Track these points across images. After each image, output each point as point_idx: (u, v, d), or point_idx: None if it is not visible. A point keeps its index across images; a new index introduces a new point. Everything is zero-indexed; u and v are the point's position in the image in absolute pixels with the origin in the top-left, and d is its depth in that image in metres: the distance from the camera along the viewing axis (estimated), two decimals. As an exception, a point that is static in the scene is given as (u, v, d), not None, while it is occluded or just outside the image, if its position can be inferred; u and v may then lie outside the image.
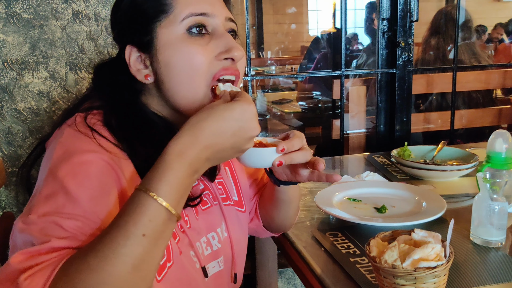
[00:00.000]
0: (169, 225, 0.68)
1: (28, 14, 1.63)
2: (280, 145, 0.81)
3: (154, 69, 0.84)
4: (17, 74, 1.66)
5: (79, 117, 0.81)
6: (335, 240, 1.13)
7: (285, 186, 0.99)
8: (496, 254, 1.05)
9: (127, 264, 0.62)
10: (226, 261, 0.98)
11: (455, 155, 1.68)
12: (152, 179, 0.67)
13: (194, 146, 0.68)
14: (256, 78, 2.24)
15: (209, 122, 0.69)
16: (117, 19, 0.88)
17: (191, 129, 0.69)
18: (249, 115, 0.71)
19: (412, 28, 2.10)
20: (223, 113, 0.70)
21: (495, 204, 1.04)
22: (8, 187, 1.72)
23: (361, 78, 2.94)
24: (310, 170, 0.92)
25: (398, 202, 1.32)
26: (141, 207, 0.65)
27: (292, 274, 2.20)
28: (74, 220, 0.68)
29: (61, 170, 0.72)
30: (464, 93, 2.68)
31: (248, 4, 1.98)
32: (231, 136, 0.71)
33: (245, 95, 0.74)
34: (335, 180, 0.90)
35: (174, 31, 0.82)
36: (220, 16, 0.85)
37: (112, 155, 0.76)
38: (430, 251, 0.81)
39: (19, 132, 1.69)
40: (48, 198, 0.70)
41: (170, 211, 0.66)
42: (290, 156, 0.84)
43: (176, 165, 0.67)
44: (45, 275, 0.62)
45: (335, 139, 2.40)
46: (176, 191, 0.67)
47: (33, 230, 0.67)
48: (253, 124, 0.72)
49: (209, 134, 0.69)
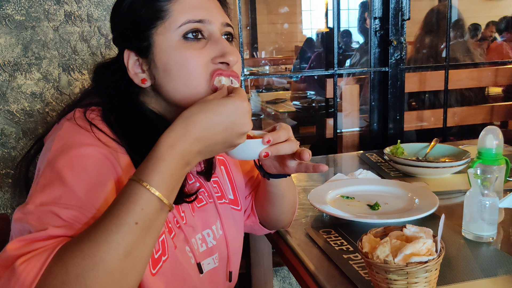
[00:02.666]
0: (161, 214, 0.69)
1: (20, 16, 1.63)
2: (266, 136, 0.83)
3: (152, 73, 0.85)
4: (9, 75, 1.66)
5: (78, 112, 0.82)
6: (328, 237, 1.14)
7: (276, 180, 1.00)
8: (488, 248, 1.06)
9: (119, 251, 0.64)
10: (221, 259, 0.98)
11: (447, 152, 1.69)
12: (144, 169, 0.69)
13: (186, 138, 0.70)
14: (250, 78, 2.24)
15: (201, 116, 0.71)
16: (116, 24, 0.89)
17: (184, 122, 0.71)
18: (242, 111, 0.73)
19: (404, 26, 2.12)
20: (216, 108, 0.72)
21: (486, 200, 1.05)
22: (2, 189, 1.72)
23: (354, 77, 2.95)
24: (298, 162, 0.94)
25: (391, 199, 1.33)
26: (134, 196, 0.67)
27: (287, 273, 2.21)
28: (70, 210, 0.70)
29: (59, 162, 0.73)
30: (457, 91, 2.70)
31: (241, 4, 1.99)
32: (222, 131, 0.72)
33: (240, 91, 0.76)
34: (322, 170, 0.91)
35: (171, 37, 0.83)
36: (216, 22, 0.85)
37: (110, 149, 0.78)
38: (422, 246, 0.82)
39: (12, 134, 1.69)
40: (45, 188, 0.71)
41: (162, 200, 0.68)
42: (277, 147, 0.85)
43: (168, 156, 0.69)
44: (40, 260, 0.63)
45: (329, 138, 2.41)
46: (168, 181, 0.69)
47: (30, 219, 0.69)
48: (245, 120, 0.74)
49: (201, 128, 0.71)
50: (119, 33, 0.89)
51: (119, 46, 0.89)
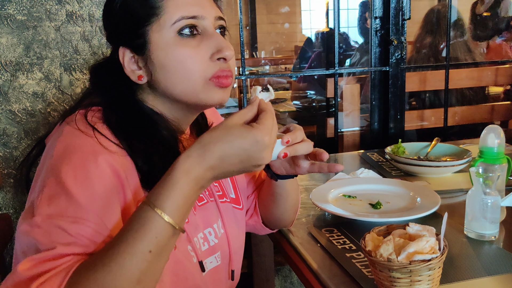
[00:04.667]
0: (173, 238, 0.71)
1: (22, 16, 1.63)
2: (285, 137, 0.83)
3: (149, 70, 0.85)
4: (11, 75, 1.66)
5: (79, 115, 0.82)
6: (331, 236, 1.14)
7: (282, 180, 1.00)
8: (490, 247, 1.06)
9: (132, 279, 0.66)
10: (224, 257, 0.98)
11: (448, 151, 1.69)
12: (159, 195, 0.70)
13: (201, 166, 0.71)
14: (251, 77, 2.24)
15: (218, 145, 0.71)
16: (109, 22, 0.89)
17: (201, 148, 0.71)
18: (260, 147, 0.72)
19: (404, 26, 2.12)
20: (234, 140, 0.71)
21: (488, 198, 1.06)
22: (4, 189, 1.72)
23: (354, 77, 2.95)
24: (311, 162, 0.94)
25: (393, 198, 1.33)
26: (149, 224, 0.68)
27: (288, 272, 2.21)
28: (78, 224, 0.70)
29: (62, 172, 0.73)
30: (457, 90, 2.70)
31: (241, 4, 1.99)
32: (238, 163, 0.72)
33: (266, 120, 0.73)
34: (337, 170, 0.91)
35: (166, 34, 0.83)
36: (210, 17, 0.86)
37: (112, 154, 0.78)
38: (425, 244, 0.82)
39: (14, 134, 1.69)
40: (51, 200, 0.72)
41: (175, 227, 0.70)
42: (294, 148, 0.85)
43: (183, 182, 0.70)
44: (55, 284, 0.65)
45: (330, 138, 2.41)
46: (181, 207, 0.70)
47: (37, 233, 0.70)
48: (263, 155, 0.72)
49: (217, 158, 0.71)
50: (113, 30, 0.88)
51: (114, 44, 0.89)
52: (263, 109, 0.76)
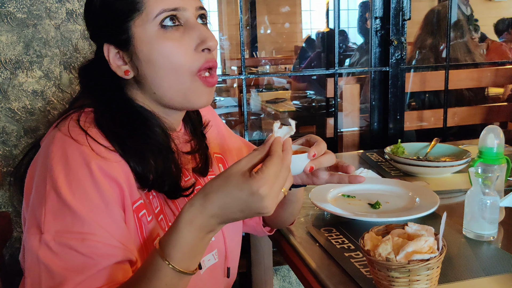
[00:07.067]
0: (183, 281, 0.74)
1: (22, 14, 1.63)
2: (311, 151, 0.83)
3: (135, 65, 0.85)
4: (11, 73, 1.66)
5: (72, 121, 0.82)
6: (329, 236, 1.14)
7: (295, 189, 1.01)
8: (488, 247, 1.06)
9: None
10: (220, 255, 0.99)
11: (448, 151, 1.69)
12: (167, 244, 0.72)
13: (203, 214, 0.71)
14: (250, 77, 2.25)
15: (218, 195, 0.70)
16: (91, 19, 0.89)
17: (203, 198, 0.71)
18: (256, 198, 0.69)
19: (404, 26, 2.12)
20: (232, 191, 0.70)
21: (487, 199, 1.06)
22: (3, 187, 1.72)
23: (354, 77, 2.95)
24: (330, 173, 0.95)
25: (392, 198, 1.33)
26: (159, 273, 0.72)
27: (287, 272, 2.21)
28: (87, 241, 0.73)
29: (61, 187, 0.74)
30: (457, 91, 2.71)
31: (241, 4, 1.99)
32: (239, 211, 0.71)
33: (267, 168, 0.69)
34: (359, 181, 0.92)
35: (149, 28, 0.83)
36: (191, 8, 0.86)
37: (106, 160, 0.78)
38: (424, 243, 0.82)
39: (13, 132, 1.69)
40: (56, 216, 0.74)
41: (184, 272, 0.72)
42: (319, 161, 0.85)
43: (186, 232, 0.71)
44: None
45: (329, 137, 2.41)
46: (188, 255, 0.73)
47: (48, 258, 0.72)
48: (262, 205, 0.69)
49: (217, 207, 0.71)
50: (96, 28, 0.88)
51: (97, 42, 0.88)
52: (271, 152, 0.72)
